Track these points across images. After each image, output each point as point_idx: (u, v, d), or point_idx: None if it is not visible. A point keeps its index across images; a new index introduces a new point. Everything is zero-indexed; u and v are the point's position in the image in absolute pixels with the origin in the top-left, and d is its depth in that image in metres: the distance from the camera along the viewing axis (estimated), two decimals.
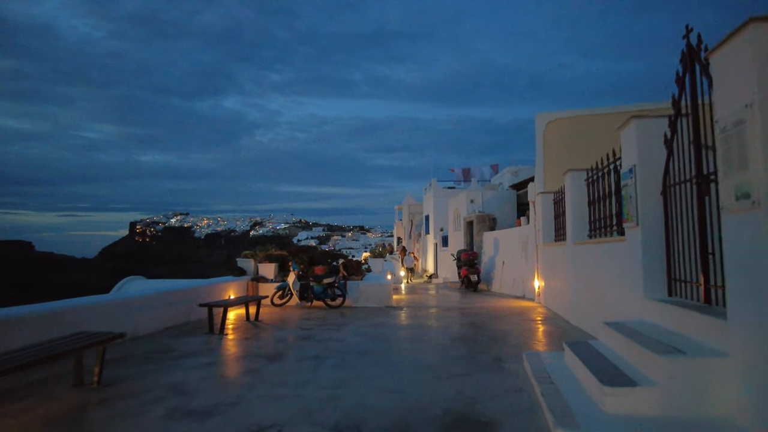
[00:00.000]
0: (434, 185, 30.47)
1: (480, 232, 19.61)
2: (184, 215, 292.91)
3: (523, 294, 14.60)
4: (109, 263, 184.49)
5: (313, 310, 11.74)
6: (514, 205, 21.64)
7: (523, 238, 14.80)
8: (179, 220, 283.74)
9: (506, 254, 16.60)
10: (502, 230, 17.78)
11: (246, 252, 13.81)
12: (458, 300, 14.30)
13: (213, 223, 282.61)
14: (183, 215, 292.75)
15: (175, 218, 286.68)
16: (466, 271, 17.18)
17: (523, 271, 14.68)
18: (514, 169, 22.80)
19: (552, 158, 12.55)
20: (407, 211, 40.94)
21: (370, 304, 12.64)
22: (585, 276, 7.97)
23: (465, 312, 11.12)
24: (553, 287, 11.07)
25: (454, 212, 23.99)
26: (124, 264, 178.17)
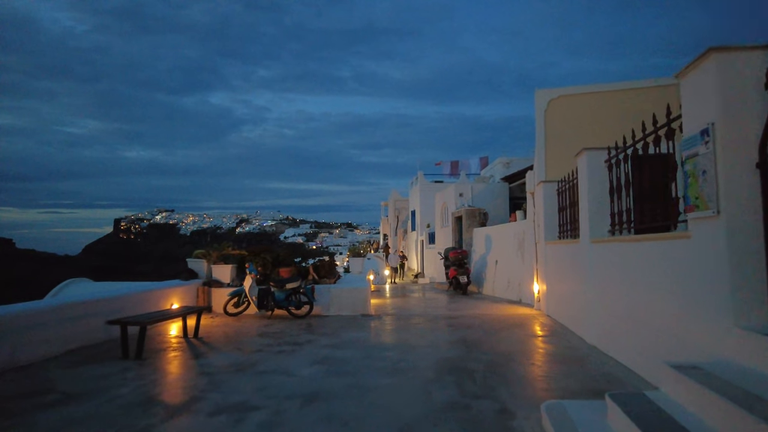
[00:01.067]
0: (420, 178, 28.62)
1: (470, 228, 17.82)
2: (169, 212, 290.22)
3: (520, 298, 12.82)
4: (92, 260, 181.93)
5: (274, 321, 9.84)
6: (506, 199, 19.87)
7: (519, 235, 13.01)
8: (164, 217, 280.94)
9: (499, 253, 14.82)
10: (494, 226, 16.00)
11: (197, 251, 11.84)
12: (446, 305, 12.48)
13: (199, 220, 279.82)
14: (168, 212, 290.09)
15: (161, 215, 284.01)
16: (454, 271, 15.38)
17: (520, 272, 12.90)
18: (506, 160, 21.05)
19: (555, 142, 10.76)
20: (393, 207, 39.09)
21: (343, 312, 10.78)
22: (613, 284, 6.16)
23: (454, 323, 9.29)
24: (559, 293, 9.28)
25: (441, 207, 22.18)
26: (108, 261, 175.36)
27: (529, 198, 12.04)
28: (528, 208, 12.32)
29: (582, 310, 7.45)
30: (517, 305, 12.05)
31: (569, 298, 8.42)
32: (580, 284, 7.49)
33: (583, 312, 7.40)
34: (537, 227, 10.95)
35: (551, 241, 9.96)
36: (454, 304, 12.59)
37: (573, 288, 8.10)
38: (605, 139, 7.11)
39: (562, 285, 8.99)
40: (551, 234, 10.07)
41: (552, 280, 9.86)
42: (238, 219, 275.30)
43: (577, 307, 7.82)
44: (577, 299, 7.74)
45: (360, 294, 10.94)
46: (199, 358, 6.42)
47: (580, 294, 7.50)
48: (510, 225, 14.15)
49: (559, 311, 9.28)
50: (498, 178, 20.69)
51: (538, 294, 11.04)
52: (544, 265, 10.33)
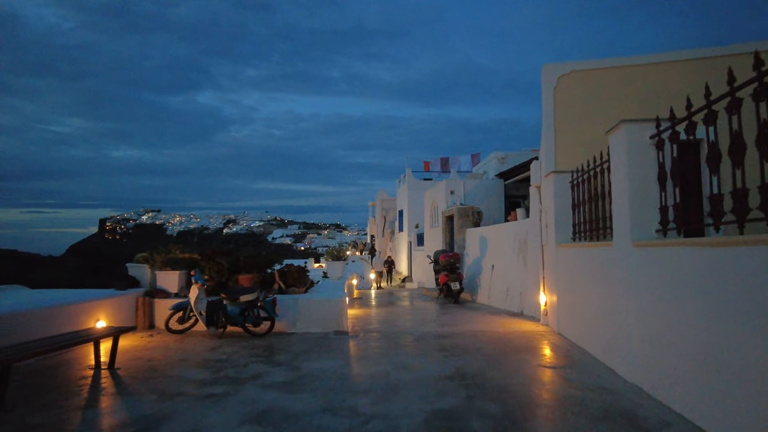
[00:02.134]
0: (409, 176, 26.85)
1: (462, 228, 16.06)
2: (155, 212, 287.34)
3: (521, 309, 11.07)
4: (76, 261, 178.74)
5: (225, 341, 7.98)
6: (501, 196, 18.18)
7: (521, 237, 11.27)
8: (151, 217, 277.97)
9: (496, 256, 13.08)
10: (490, 226, 14.25)
11: (140, 255, 9.92)
12: (437, 318, 10.70)
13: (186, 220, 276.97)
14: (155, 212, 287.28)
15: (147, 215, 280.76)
16: (445, 277, 13.61)
17: (521, 279, 11.16)
18: (500, 155, 19.35)
19: (566, 126, 9.01)
20: (380, 207, 37.29)
21: (313, 329, 8.95)
22: (678, 306, 4.38)
23: (448, 345, 7.49)
24: (576, 308, 7.53)
25: (431, 206, 20.42)
26: (93, 262, 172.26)
27: (533, 193, 10.30)
28: (532, 204, 10.58)
29: (614, 334, 5.68)
30: (519, 318, 10.29)
31: (591, 315, 6.67)
32: (612, 299, 5.72)
33: (615, 336, 5.64)
34: (544, 227, 9.21)
35: (564, 243, 8.22)
36: (446, 317, 10.81)
37: (598, 303, 6.35)
38: None
39: (581, 298, 7.23)
40: (563, 235, 8.33)
41: (565, 290, 8.11)
42: (226, 220, 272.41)
43: (604, 328, 6.06)
44: (607, 319, 5.98)
45: (333, 306, 9.12)
46: (88, 409, 4.55)
47: (612, 312, 5.74)
48: (509, 225, 12.41)
49: (575, 330, 7.53)
50: (492, 175, 18.99)
51: (544, 306, 9.30)
52: (554, 272, 8.58)
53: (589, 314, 6.77)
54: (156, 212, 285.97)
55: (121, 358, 6.63)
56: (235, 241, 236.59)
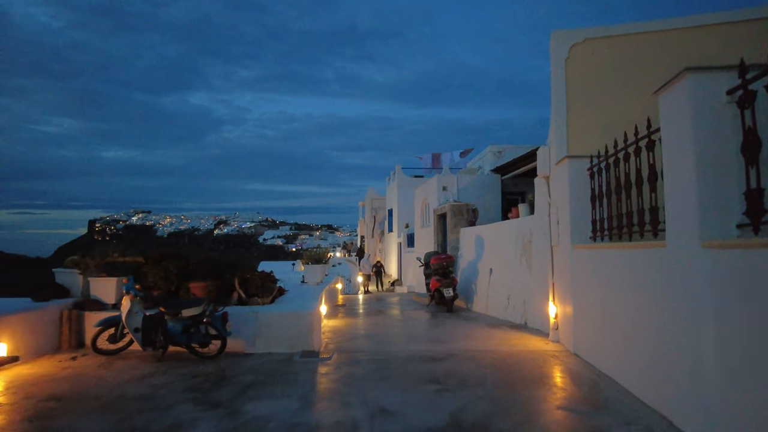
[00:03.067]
0: (399, 173, 25.31)
1: (456, 228, 14.54)
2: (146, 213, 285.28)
3: (525, 321, 9.55)
4: None
5: (164, 366, 6.40)
6: (498, 193, 16.69)
7: (524, 236, 9.75)
8: (141, 218, 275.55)
9: (495, 259, 11.56)
10: (487, 225, 12.73)
11: (71, 258, 8.30)
12: (426, 331, 9.16)
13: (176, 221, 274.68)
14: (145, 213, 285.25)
15: (137, 216, 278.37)
16: (437, 282, 12.08)
17: (524, 286, 9.65)
18: (496, 148, 17.89)
19: (581, 103, 7.49)
20: (370, 206, 35.74)
21: (275, 349, 7.39)
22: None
23: (439, 373, 5.94)
24: (601, 325, 6.01)
25: (422, 204, 18.90)
26: None
27: (539, 185, 8.79)
28: (537, 198, 9.07)
29: (671, 369, 4.15)
30: (523, 332, 8.77)
31: (627, 336, 5.15)
32: (666, 319, 4.19)
33: (674, 372, 4.11)
34: (555, 224, 7.69)
35: (582, 244, 6.71)
36: (438, 330, 9.27)
37: (639, 321, 4.83)
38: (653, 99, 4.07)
39: (608, 312, 5.71)
40: (580, 234, 6.82)
41: (584, 302, 6.59)
42: (217, 221, 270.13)
43: (652, 358, 4.54)
44: (655, 345, 4.45)
45: (301, 321, 7.55)
46: None
47: (667, 337, 4.21)
48: (510, 223, 10.89)
49: (600, 353, 6.01)
50: (488, 170, 17.51)
51: (554, 319, 7.78)
52: (568, 278, 7.06)
53: (623, 335, 5.25)
54: (146, 213, 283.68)
55: (18, 393, 5.03)
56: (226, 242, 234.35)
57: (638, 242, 5.00)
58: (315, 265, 12.41)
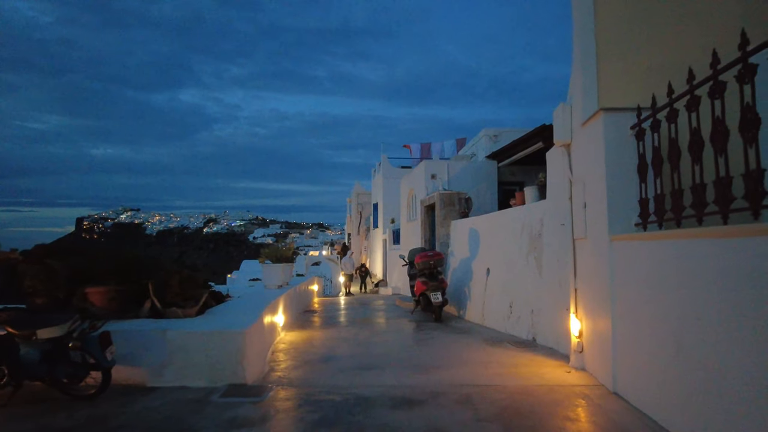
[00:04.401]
0: (384, 163, 23.16)
1: (446, 220, 12.43)
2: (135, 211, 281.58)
3: (533, 336, 7.44)
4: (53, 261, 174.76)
5: (11, 412, 4.25)
6: (494, 182, 14.59)
7: (533, 228, 7.66)
8: (129, 216, 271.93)
9: (493, 257, 9.46)
10: (483, 216, 10.62)
11: None
12: (406, 351, 7.04)
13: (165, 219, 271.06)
14: (134, 211, 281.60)
15: (126, 214, 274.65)
16: (423, 285, 9.96)
17: (533, 291, 7.54)
18: (492, 132, 15.78)
19: (615, 41, 5.38)
20: (356, 202, 33.58)
21: (190, 381, 5.27)
22: None
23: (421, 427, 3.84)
24: (661, 353, 3.91)
25: (408, 195, 16.77)
26: None
27: (555, 159, 6.71)
28: (551, 177, 6.98)
29: None
30: (532, 352, 6.67)
31: (731, 380, 3.05)
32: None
33: None
34: (580, 209, 5.59)
35: (627, 234, 4.62)
36: (421, 350, 7.15)
37: (758, 357, 2.73)
38: None
39: (687, 337, 3.61)
40: (623, 220, 4.73)
41: (633, 317, 4.48)
42: (206, 219, 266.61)
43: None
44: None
45: (228, 344, 5.39)
46: None
47: None
48: (513, 212, 8.78)
49: (669, 401, 3.91)
50: (483, 157, 15.41)
51: (578, 338, 5.68)
52: (605, 282, 4.96)
53: (715, 375, 3.15)
54: (135, 211, 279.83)
55: None
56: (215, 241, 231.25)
57: (741, 227, 2.90)
58: (276, 265, 10.25)
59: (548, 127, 10.99)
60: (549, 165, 7.07)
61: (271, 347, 7.34)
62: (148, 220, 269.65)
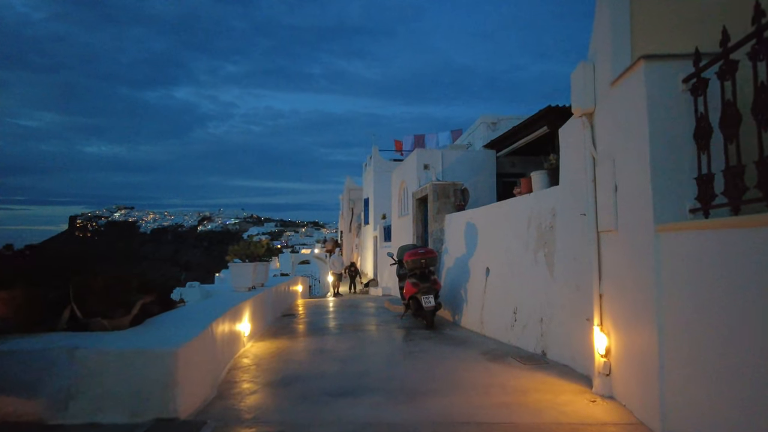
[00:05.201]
0: (375, 156, 21.92)
1: (440, 214, 11.22)
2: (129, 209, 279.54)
3: (542, 349, 6.22)
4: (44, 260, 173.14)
5: None
6: (492, 173, 13.41)
7: (542, 219, 6.45)
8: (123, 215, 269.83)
9: (494, 255, 8.25)
10: (482, 208, 9.41)
11: None
12: (392, 368, 5.82)
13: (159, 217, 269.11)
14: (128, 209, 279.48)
15: (119, 212, 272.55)
16: (413, 287, 8.74)
17: (543, 295, 6.33)
18: (490, 119, 14.58)
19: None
20: (347, 198, 32.33)
21: (105, 417, 4.03)
22: None
23: None
24: (744, 386, 2.68)
25: (399, 188, 15.56)
26: None
27: (569, 134, 5.51)
28: (565, 157, 5.78)
29: None
30: (543, 370, 5.46)
31: None
32: None
33: None
34: (607, 193, 4.38)
35: (681, 223, 3.42)
36: (409, 365, 5.93)
37: None
38: None
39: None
40: (671, 205, 3.53)
41: (694, 334, 3.27)
42: (201, 217, 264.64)
43: None
44: None
45: (156, 365, 4.14)
46: None
47: None
48: (518, 202, 7.55)
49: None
50: (480, 146, 14.21)
51: (604, 358, 4.48)
52: (649, 287, 3.76)
53: None
54: (129, 209, 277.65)
55: None
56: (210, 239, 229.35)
57: None
58: (246, 264, 9.00)
59: (555, 109, 9.80)
60: (562, 143, 5.87)
61: (229, 363, 6.12)
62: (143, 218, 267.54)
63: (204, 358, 4.93)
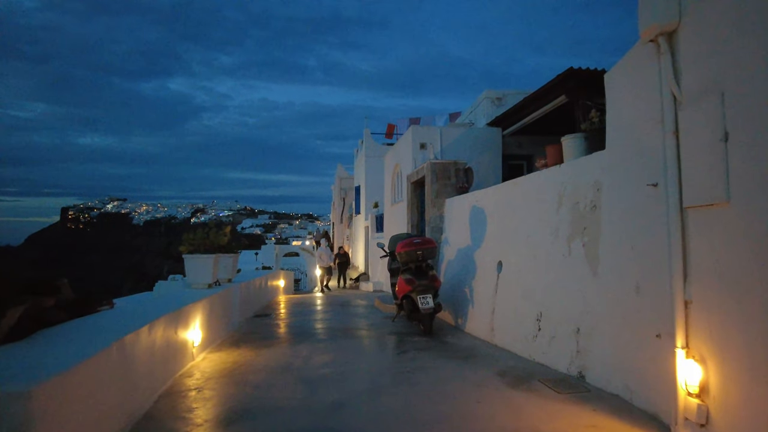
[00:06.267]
0: (367, 138, 20.26)
1: (439, 198, 9.63)
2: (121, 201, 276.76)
3: (579, 369, 4.66)
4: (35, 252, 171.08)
5: None
6: (498, 153, 11.84)
7: (580, 197, 4.88)
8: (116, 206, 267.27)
9: (509, 245, 6.67)
10: (493, 188, 7.82)
11: None
12: (381, 391, 4.24)
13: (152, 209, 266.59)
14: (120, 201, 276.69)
15: (112, 204, 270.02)
16: (407, 285, 7.17)
17: (581, 297, 4.76)
18: (494, 94, 12.98)
19: None
20: (338, 187, 30.70)
21: None
22: None
23: None
24: None
25: (393, 172, 13.96)
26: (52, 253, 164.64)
27: (633, 71, 3.93)
28: (614, 112, 4.19)
29: None
30: (587, 402, 3.90)
31: None
32: None
33: None
34: (706, 150, 2.81)
35: None
36: (401, 393, 4.35)
37: None
38: None
39: None
40: None
41: None
42: (194, 209, 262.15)
43: None
44: None
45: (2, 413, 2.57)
46: None
47: None
48: (542, 176, 5.94)
49: None
50: (484, 124, 12.62)
51: (698, 397, 2.93)
52: None
53: None
54: (122, 201, 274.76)
55: None
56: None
57: None
58: (205, 257, 7.39)
59: (577, 72, 8.22)
60: (611, 93, 4.28)
61: (164, 386, 4.56)
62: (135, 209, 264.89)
63: (107, 389, 3.36)
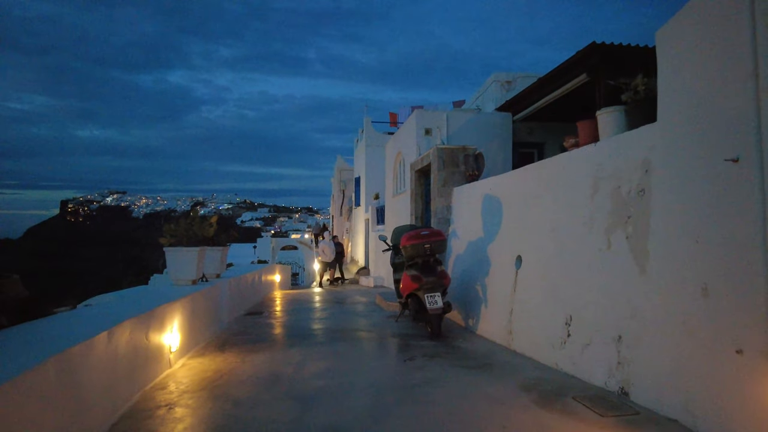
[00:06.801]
0: (367, 127, 19.46)
1: (446, 186, 8.86)
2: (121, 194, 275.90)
3: (620, 385, 3.92)
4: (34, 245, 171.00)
5: None
6: (508, 140, 11.08)
7: (623, 182, 4.12)
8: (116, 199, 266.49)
9: (530, 238, 5.92)
10: (509, 174, 7.06)
11: None
12: (383, 413, 3.49)
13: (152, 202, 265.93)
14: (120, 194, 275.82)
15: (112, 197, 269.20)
16: (412, 282, 6.42)
17: (624, 300, 4.00)
18: (504, 77, 12.19)
19: None
20: (338, 179, 29.91)
21: None
22: None
23: None
24: None
25: (395, 160, 13.18)
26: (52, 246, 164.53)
27: (703, 15, 3.15)
28: (668, 75, 3.41)
29: None
30: (638, 428, 3.18)
31: None
32: None
33: None
34: None
35: None
36: (410, 417, 3.62)
37: None
38: None
39: None
40: None
41: None
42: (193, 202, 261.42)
43: None
44: None
45: None
46: None
47: None
48: (573, 157, 5.16)
49: None
50: (492, 110, 11.84)
51: None
52: None
53: None
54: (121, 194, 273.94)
55: None
56: None
57: None
58: (188, 250, 6.64)
59: (600, 47, 7.45)
60: (665, 53, 3.51)
61: (131, 401, 3.84)
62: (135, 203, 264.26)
63: (41, 416, 2.62)
